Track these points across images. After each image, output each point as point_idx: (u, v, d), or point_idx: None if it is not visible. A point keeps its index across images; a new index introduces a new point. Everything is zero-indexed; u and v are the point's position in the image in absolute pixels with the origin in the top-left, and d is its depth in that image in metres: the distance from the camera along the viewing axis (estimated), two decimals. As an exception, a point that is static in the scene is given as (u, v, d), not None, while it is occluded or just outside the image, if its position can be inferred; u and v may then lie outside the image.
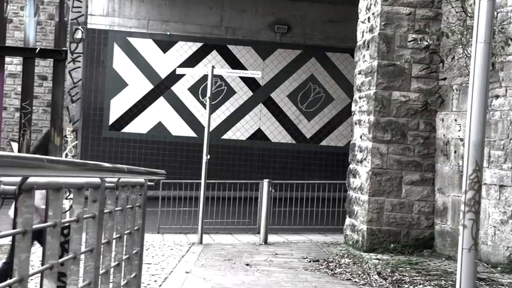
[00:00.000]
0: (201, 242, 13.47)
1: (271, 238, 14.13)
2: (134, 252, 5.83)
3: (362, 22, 13.91)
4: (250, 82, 24.62)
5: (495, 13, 10.49)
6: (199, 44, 24.76)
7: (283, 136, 24.92)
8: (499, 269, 10.60)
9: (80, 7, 6.27)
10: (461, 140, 11.73)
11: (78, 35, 6.22)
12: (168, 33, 24.70)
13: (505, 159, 11.02)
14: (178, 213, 15.82)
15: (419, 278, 9.87)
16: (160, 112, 24.56)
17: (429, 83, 12.72)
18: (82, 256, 4.15)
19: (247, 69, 23.28)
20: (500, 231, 11.05)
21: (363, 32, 13.79)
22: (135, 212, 5.82)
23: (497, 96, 11.20)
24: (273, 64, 24.93)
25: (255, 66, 24.24)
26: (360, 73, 13.75)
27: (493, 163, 11.21)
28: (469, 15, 11.27)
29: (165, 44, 24.68)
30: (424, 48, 12.61)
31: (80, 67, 6.29)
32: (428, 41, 12.45)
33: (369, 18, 13.40)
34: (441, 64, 12.53)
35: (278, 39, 24.96)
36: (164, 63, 24.55)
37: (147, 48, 24.63)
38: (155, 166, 17.15)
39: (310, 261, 11.46)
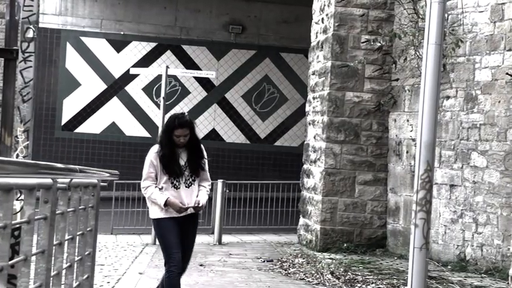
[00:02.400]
0: (154, 243, 13.38)
1: (225, 238, 14.13)
2: (87, 253, 5.79)
3: (316, 23, 13.99)
4: (204, 82, 24.58)
5: (446, 15, 10.64)
6: (153, 44, 24.64)
7: (238, 136, 24.93)
8: (449, 267, 10.75)
9: (32, 6, 6.20)
10: (413, 140, 11.88)
11: (30, 34, 6.15)
12: (122, 32, 24.53)
13: (456, 159, 11.18)
14: (131, 214, 15.72)
15: (371, 277, 9.96)
16: (114, 112, 24.37)
17: (382, 84, 12.85)
18: (33, 258, 4.10)
19: (201, 70, 23.25)
20: (451, 230, 11.21)
21: (316, 33, 13.87)
22: (88, 212, 5.78)
23: (448, 97, 11.36)
24: (227, 64, 24.92)
25: (210, 67, 24.21)
26: (313, 74, 13.83)
27: (444, 163, 11.37)
28: (420, 17, 11.41)
29: (118, 44, 24.50)
30: (377, 49, 12.74)
31: (31, 66, 6.21)
32: (381, 42, 12.58)
33: (322, 19, 13.49)
34: (394, 65, 12.67)
35: (232, 40, 24.97)
36: (118, 63, 24.37)
37: (100, 47, 24.42)
38: (108, 166, 16.98)
39: (264, 261, 11.48)
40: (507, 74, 10.20)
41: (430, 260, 10.30)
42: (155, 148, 7.01)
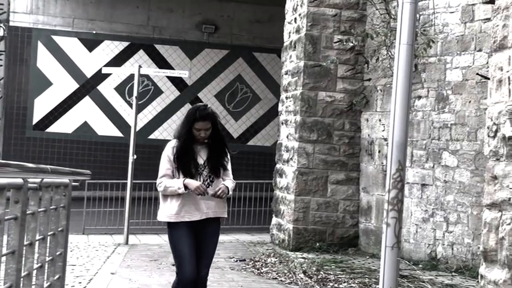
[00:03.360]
0: (127, 243, 13.34)
1: (198, 238, 14.08)
2: (58, 253, 5.75)
3: (289, 23, 14.02)
4: (177, 82, 24.52)
5: (417, 16, 10.71)
6: (125, 43, 24.52)
7: (211, 136, 24.87)
8: (420, 266, 10.83)
9: (2, 4, 6.15)
10: (385, 139, 11.95)
11: (0, 32, 6.10)
12: (94, 32, 24.38)
13: (427, 158, 11.26)
14: (103, 214, 15.64)
15: (343, 276, 10.00)
16: (86, 112, 24.22)
17: (354, 84, 12.90)
18: (3, 258, 4.06)
19: (174, 69, 23.16)
20: (422, 229, 11.29)
21: (289, 32, 13.90)
22: (59, 212, 5.74)
23: (419, 97, 11.44)
24: (200, 64, 24.88)
25: (182, 66, 24.15)
26: (286, 73, 13.85)
27: (415, 162, 11.45)
28: (392, 17, 11.48)
29: (90, 43, 24.35)
30: (350, 49, 12.79)
31: (1, 65, 6.17)
32: (354, 42, 12.63)
33: (295, 19, 13.51)
34: (366, 65, 12.72)
35: (205, 39, 24.93)
36: (90, 62, 24.22)
37: (72, 47, 24.25)
38: (80, 166, 16.89)
39: (236, 260, 11.48)
40: (477, 74, 10.30)
41: (402, 258, 10.36)
42: (172, 143, 6.35)
